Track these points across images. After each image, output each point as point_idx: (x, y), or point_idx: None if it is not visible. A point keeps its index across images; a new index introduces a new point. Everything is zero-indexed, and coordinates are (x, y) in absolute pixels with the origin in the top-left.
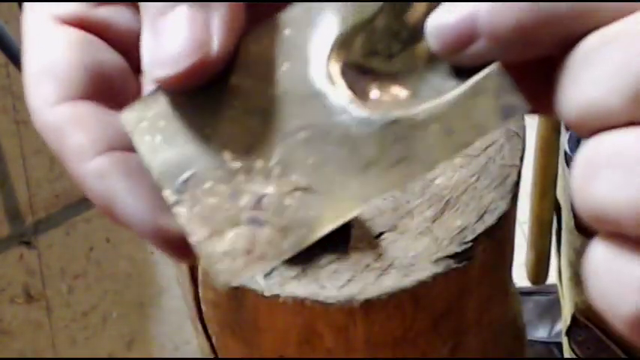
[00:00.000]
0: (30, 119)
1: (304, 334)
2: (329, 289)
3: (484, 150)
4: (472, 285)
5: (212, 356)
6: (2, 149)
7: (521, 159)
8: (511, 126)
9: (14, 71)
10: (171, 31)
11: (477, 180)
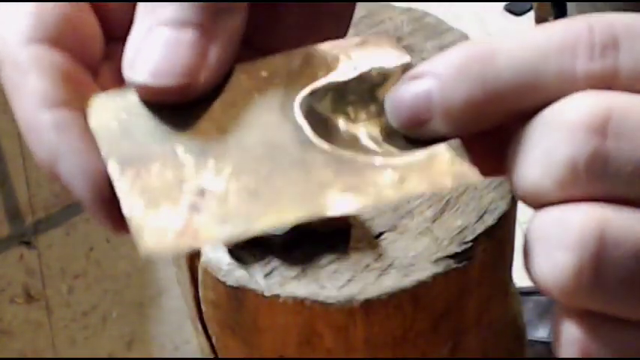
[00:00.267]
0: None
1: (304, 334)
2: (329, 289)
3: None
4: (472, 285)
5: (212, 356)
6: (2, 149)
7: None
8: None
9: None
10: (166, 46)
11: None
